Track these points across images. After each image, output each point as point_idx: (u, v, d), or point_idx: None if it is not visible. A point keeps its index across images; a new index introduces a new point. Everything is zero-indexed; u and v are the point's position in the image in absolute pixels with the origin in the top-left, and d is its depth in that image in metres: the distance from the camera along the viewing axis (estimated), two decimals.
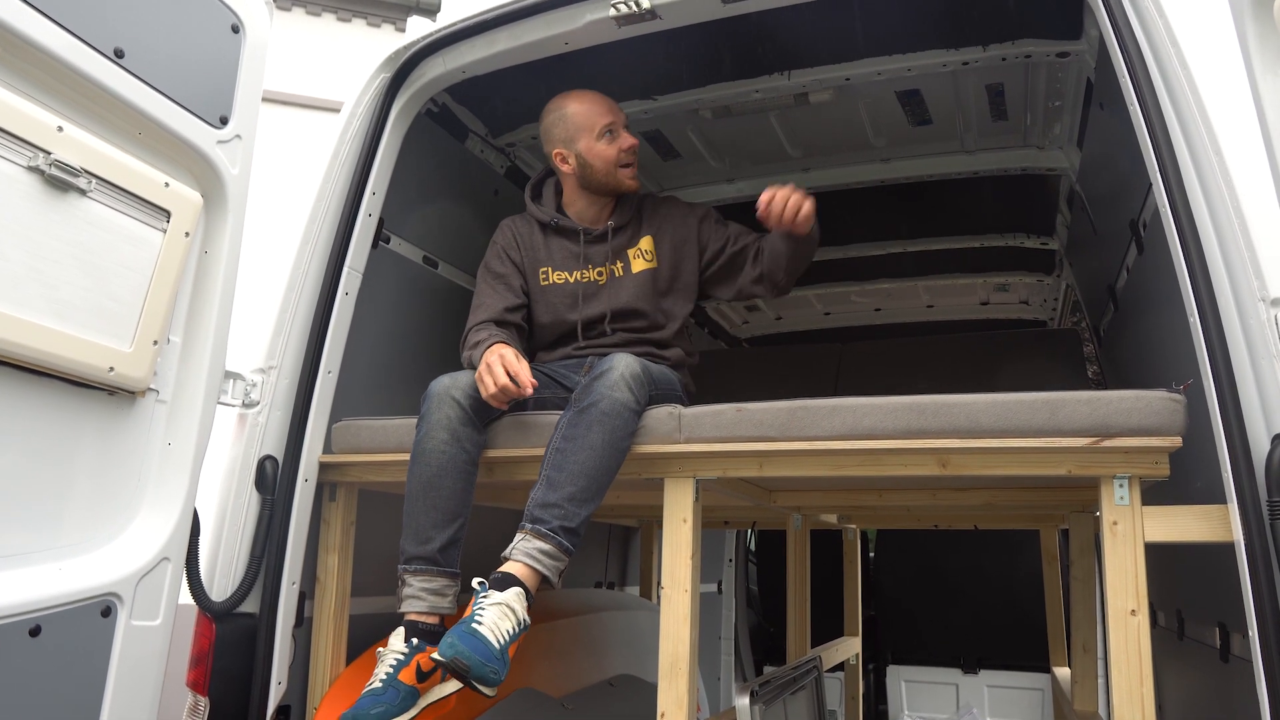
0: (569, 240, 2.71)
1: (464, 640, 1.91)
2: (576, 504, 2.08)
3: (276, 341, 2.44)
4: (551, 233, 2.74)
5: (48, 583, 1.91)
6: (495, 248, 2.75)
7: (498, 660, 1.92)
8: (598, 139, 2.64)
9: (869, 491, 2.81)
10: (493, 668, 1.90)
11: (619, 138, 2.65)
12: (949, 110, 3.15)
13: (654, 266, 2.69)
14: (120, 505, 2.11)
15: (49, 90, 1.88)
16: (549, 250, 2.72)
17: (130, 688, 2.05)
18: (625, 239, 2.71)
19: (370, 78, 2.59)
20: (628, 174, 2.67)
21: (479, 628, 1.94)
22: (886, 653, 5.59)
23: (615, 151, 2.64)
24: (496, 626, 1.95)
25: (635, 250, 2.70)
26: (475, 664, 1.89)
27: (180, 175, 2.15)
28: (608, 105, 2.67)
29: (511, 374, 2.26)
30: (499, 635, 1.94)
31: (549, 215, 2.73)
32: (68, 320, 1.90)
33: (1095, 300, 3.65)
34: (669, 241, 2.72)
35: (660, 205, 2.79)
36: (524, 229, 2.76)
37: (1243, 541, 1.71)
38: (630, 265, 2.68)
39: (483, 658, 1.89)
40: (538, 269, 2.72)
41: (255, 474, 2.38)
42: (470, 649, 1.89)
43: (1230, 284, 1.80)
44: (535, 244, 2.73)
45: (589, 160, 2.66)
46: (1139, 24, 2.00)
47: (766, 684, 2.55)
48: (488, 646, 1.91)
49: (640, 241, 2.71)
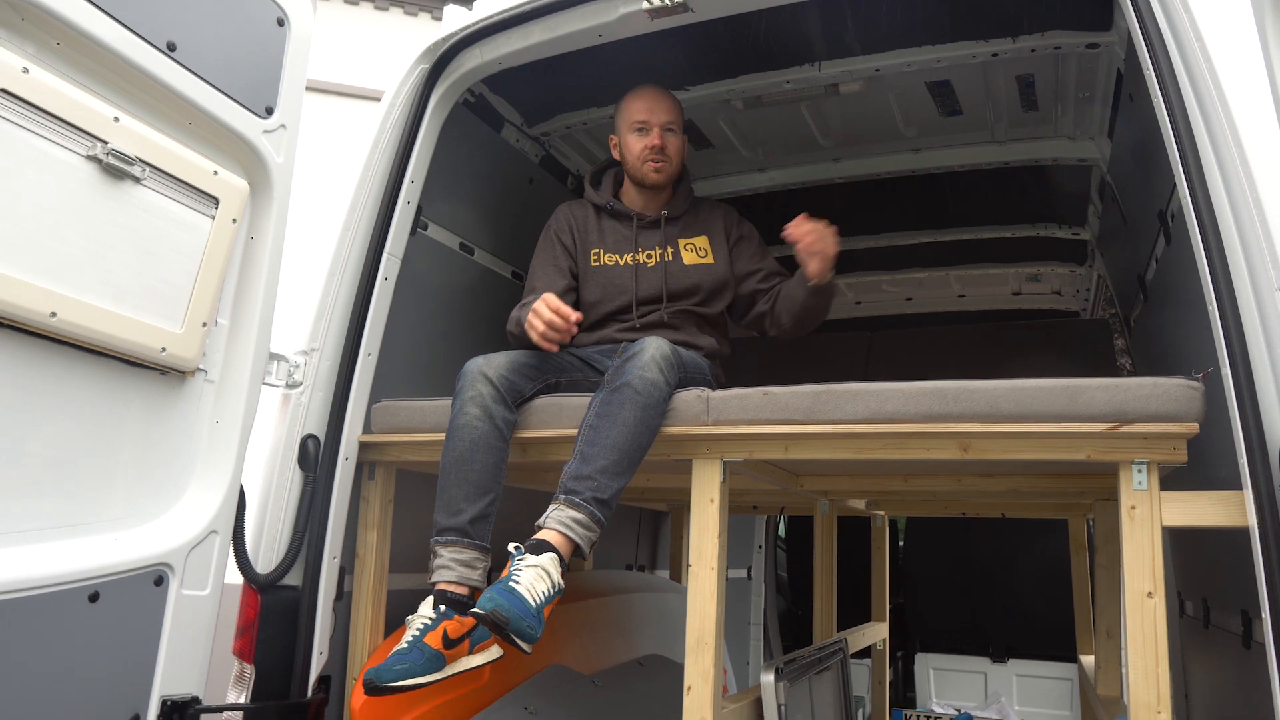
0: (622, 224, 2.84)
1: (503, 595, 1.99)
2: (609, 476, 2.15)
3: (319, 325, 2.53)
4: (606, 216, 2.86)
5: (105, 552, 2.02)
6: (549, 231, 2.88)
7: (534, 618, 2.00)
8: (630, 132, 2.78)
9: (895, 477, 2.85)
10: (529, 623, 1.98)
11: (649, 135, 2.75)
12: (979, 101, 3.17)
13: (709, 262, 2.82)
14: (170, 480, 2.21)
15: (106, 82, 1.97)
16: (601, 233, 2.85)
17: (181, 653, 2.16)
18: (678, 229, 2.84)
19: (410, 68, 2.67)
20: (650, 169, 2.78)
21: (516, 586, 2.02)
22: (915, 640, 5.61)
23: (640, 146, 2.76)
24: (533, 587, 2.03)
25: (688, 242, 2.83)
26: (514, 617, 1.96)
27: (228, 163, 2.24)
28: (649, 104, 2.78)
29: (555, 310, 2.42)
30: (535, 595, 2.02)
31: (605, 199, 2.86)
32: (123, 302, 2.00)
33: (1126, 291, 3.65)
34: (721, 244, 2.86)
35: (715, 209, 2.93)
36: (579, 213, 2.89)
37: (1257, 527, 1.74)
38: (681, 254, 2.81)
39: (521, 613, 1.97)
40: (589, 250, 2.84)
41: (298, 452, 2.48)
42: (509, 603, 1.97)
43: (1249, 274, 1.82)
44: (589, 227, 2.86)
45: (623, 150, 2.82)
46: (1164, 17, 2.02)
47: (791, 662, 2.61)
48: (525, 604, 1.99)
49: (695, 237, 2.84)
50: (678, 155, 2.82)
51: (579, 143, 3.58)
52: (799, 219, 2.54)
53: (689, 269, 2.79)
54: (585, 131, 3.49)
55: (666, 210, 2.83)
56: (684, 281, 2.77)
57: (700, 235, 2.83)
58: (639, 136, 2.76)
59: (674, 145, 2.79)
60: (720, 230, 2.86)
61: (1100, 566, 3.08)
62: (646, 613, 3.75)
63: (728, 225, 2.89)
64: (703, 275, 2.79)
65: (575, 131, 3.46)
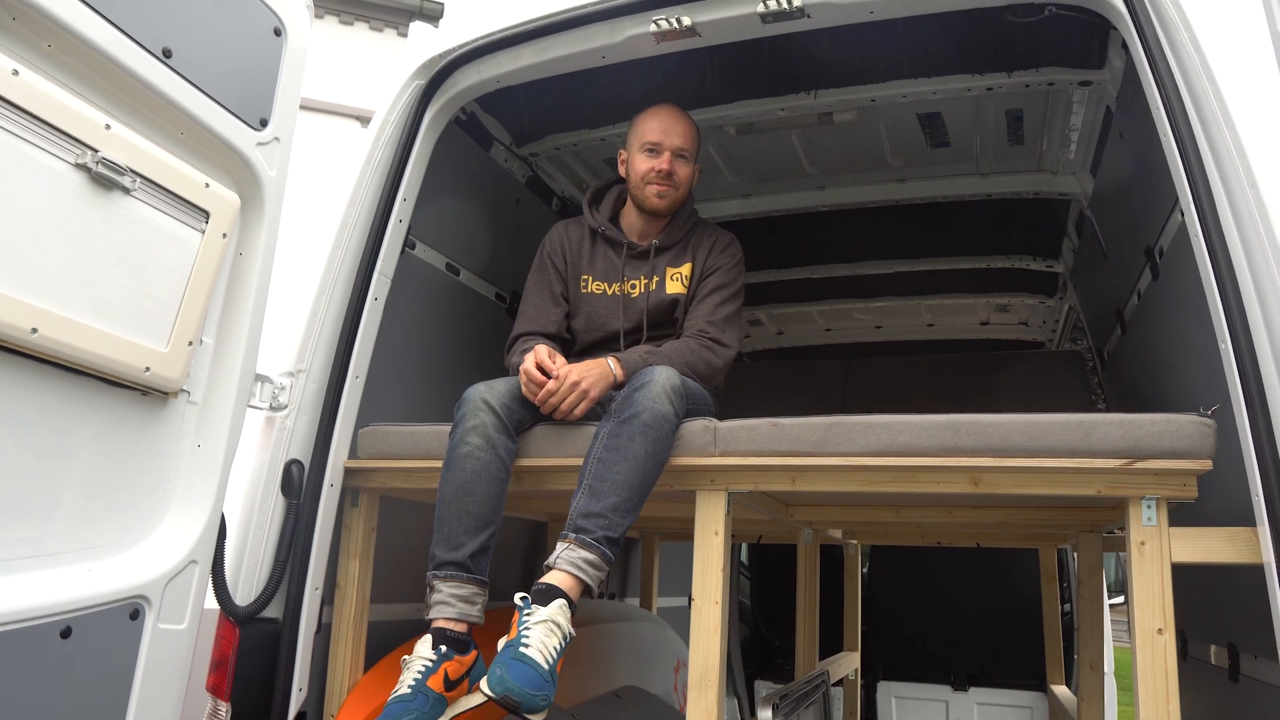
0: (613, 251, 2.76)
1: (513, 672, 1.89)
2: (620, 514, 2.09)
3: (306, 345, 2.44)
4: (600, 241, 2.78)
5: (78, 584, 1.89)
6: (543, 252, 2.80)
7: (548, 684, 1.91)
8: (640, 151, 2.70)
9: (886, 508, 2.84)
10: (543, 694, 1.90)
11: (658, 158, 2.66)
12: (967, 133, 3.20)
13: (684, 291, 2.72)
14: (149, 507, 2.09)
15: (97, 88, 1.87)
16: (593, 259, 2.77)
17: (156, 692, 2.03)
18: (667, 259, 2.75)
19: (404, 84, 2.60)
20: (653, 192, 2.68)
21: (526, 650, 1.92)
22: (877, 668, 5.61)
23: (646, 168, 2.67)
24: (544, 645, 1.94)
25: (675, 271, 2.73)
26: (525, 698, 1.87)
27: (219, 176, 2.14)
28: (665, 125, 2.68)
29: (541, 367, 2.37)
30: (547, 654, 1.93)
31: (599, 224, 2.78)
32: (108, 319, 1.89)
33: (1100, 324, 3.70)
34: (698, 273, 2.74)
35: (707, 236, 2.80)
36: (574, 234, 2.81)
37: (1275, 564, 1.74)
38: (666, 283, 2.72)
39: (533, 688, 1.88)
40: (579, 275, 2.76)
41: (281, 478, 2.37)
42: (520, 682, 1.88)
43: (1262, 310, 1.84)
44: (581, 250, 2.78)
45: (630, 168, 2.74)
46: (1170, 51, 2.04)
47: (786, 697, 2.57)
48: (537, 671, 1.90)
49: (682, 266, 2.74)
50: (685, 185, 2.72)
51: (566, 165, 3.53)
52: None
53: (669, 298, 2.72)
54: (574, 154, 3.44)
55: (658, 240, 2.74)
56: (664, 310, 2.71)
57: (686, 263, 2.75)
58: (648, 157, 2.67)
59: (683, 173, 2.70)
60: (703, 258, 2.76)
61: (1084, 599, 3.09)
62: (621, 643, 3.68)
63: (710, 254, 2.77)
64: (682, 304, 2.72)
65: (564, 153, 3.41)
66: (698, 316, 2.66)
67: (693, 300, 2.69)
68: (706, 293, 2.69)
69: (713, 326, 2.63)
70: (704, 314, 2.66)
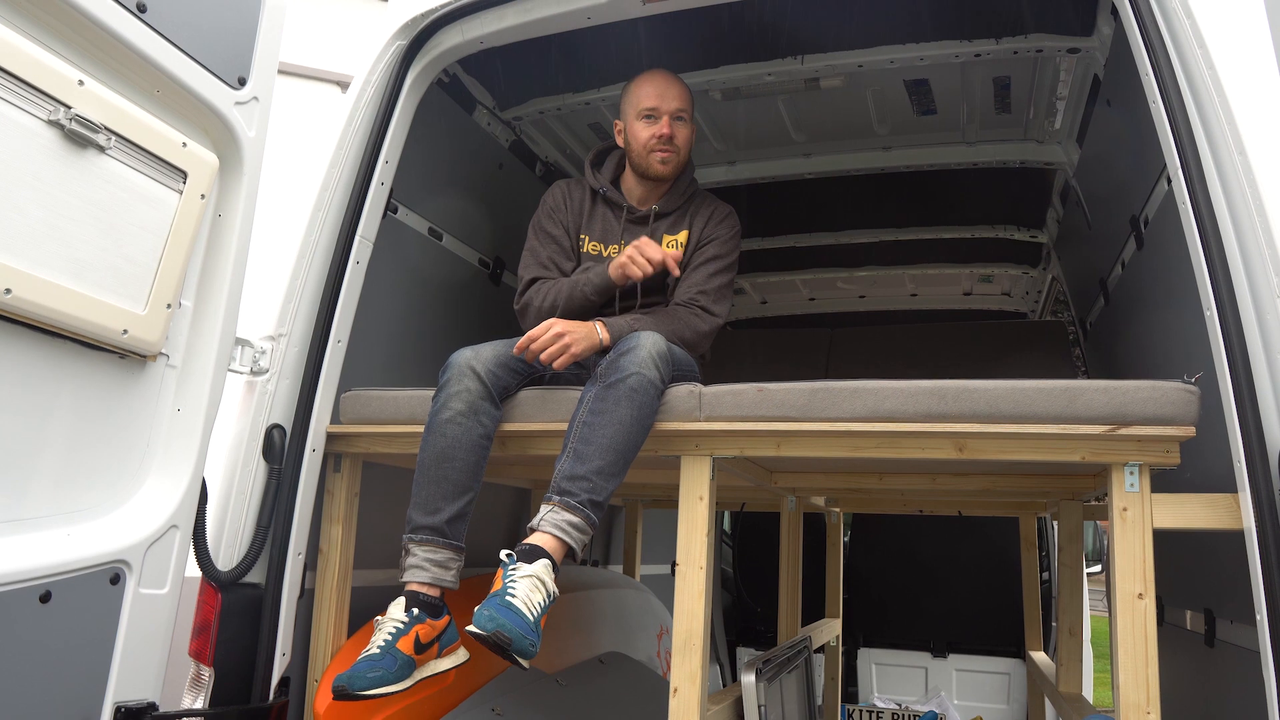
0: (612, 214, 2.75)
1: (502, 613, 1.89)
2: (604, 478, 2.08)
3: (287, 309, 2.40)
4: (600, 202, 2.76)
5: (58, 549, 1.87)
6: (545, 207, 2.77)
7: (534, 633, 1.91)
8: (637, 119, 2.66)
9: (870, 475, 2.84)
10: (531, 640, 1.90)
11: (657, 123, 2.63)
12: (954, 101, 3.18)
13: (679, 257, 2.68)
14: (129, 471, 2.07)
15: (69, 42, 1.82)
16: (592, 219, 2.75)
17: (137, 657, 2.02)
18: (665, 225, 2.73)
19: (385, 44, 2.55)
20: (657, 159, 2.65)
21: (513, 600, 1.93)
22: (858, 635, 5.67)
23: (647, 135, 2.64)
24: (529, 599, 1.94)
25: (671, 239, 2.71)
26: (517, 637, 1.87)
27: (197, 135, 2.10)
28: (660, 89, 2.64)
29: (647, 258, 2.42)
30: (532, 607, 1.93)
31: (601, 184, 2.75)
32: (84, 280, 1.85)
33: (1084, 294, 3.71)
34: (694, 241, 2.73)
35: (705, 205, 2.78)
36: (575, 192, 2.79)
37: (1255, 530, 1.76)
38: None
39: (522, 631, 1.89)
40: (578, 234, 2.75)
41: (263, 443, 2.35)
42: (510, 622, 1.88)
43: (1247, 279, 1.84)
44: (582, 210, 2.76)
45: (629, 138, 2.70)
46: (1163, 19, 2.03)
47: (769, 662, 2.58)
48: (524, 619, 1.90)
49: (679, 233, 2.72)
50: (686, 146, 2.69)
51: (550, 129, 3.49)
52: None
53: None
54: (558, 118, 3.40)
55: (658, 206, 2.72)
56: (657, 275, 2.68)
57: (683, 230, 2.73)
58: (647, 124, 2.63)
59: (683, 135, 2.67)
60: (700, 226, 2.75)
61: (1063, 565, 3.12)
62: (605, 609, 3.70)
63: (709, 224, 2.75)
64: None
65: (548, 117, 3.37)
66: (690, 285, 2.65)
67: (686, 267, 2.68)
68: (701, 261, 2.69)
69: (704, 296, 2.63)
70: (697, 283, 2.65)
